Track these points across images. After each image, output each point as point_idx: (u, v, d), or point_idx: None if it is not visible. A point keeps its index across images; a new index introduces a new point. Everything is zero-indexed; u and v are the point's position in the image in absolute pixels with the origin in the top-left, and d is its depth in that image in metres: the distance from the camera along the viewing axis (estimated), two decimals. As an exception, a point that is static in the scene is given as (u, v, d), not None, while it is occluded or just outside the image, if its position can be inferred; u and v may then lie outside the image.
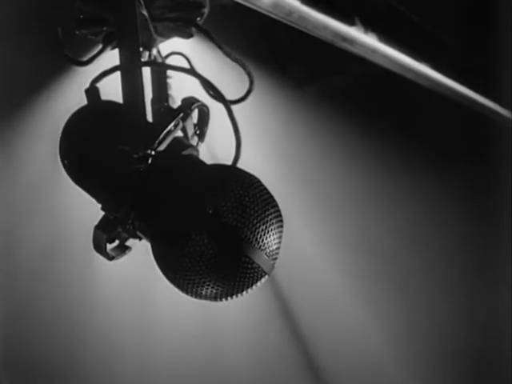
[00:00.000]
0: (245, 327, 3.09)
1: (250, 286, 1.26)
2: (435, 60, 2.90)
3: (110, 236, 1.37)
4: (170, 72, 1.60)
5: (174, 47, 1.71)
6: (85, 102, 1.50)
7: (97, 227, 1.36)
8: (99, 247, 1.37)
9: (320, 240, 3.17)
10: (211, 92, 1.54)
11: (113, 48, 1.62)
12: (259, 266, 1.25)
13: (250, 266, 1.24)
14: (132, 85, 1.42)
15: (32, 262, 2.79)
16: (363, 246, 3.22)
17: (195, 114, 1.50)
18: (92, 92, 1.50)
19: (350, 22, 2.50)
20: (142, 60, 1.58)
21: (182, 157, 1.42)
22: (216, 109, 1.51)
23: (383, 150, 3.12)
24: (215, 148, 1.95)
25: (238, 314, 2.91)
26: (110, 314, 2.92)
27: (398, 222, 3.25)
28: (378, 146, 3.10)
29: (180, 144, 1.44)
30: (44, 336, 2.81)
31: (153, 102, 1.57)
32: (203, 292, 1.26)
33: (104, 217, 1.36)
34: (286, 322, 3.21)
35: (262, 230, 1.24)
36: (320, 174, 3.10)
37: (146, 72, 1.56)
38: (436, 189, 3.23)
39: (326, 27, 2.36)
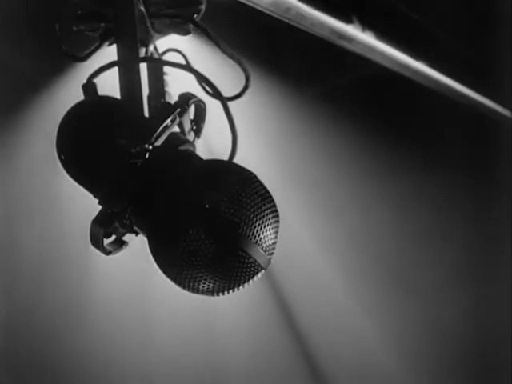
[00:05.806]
0: (242, 324, 3.09)
1: (247, 280, 1.26)
2: (433, 58, 2.90)
3: (107, 231, 1.37)
4: (166, 68, 1.60)
5: (171, 44, 1.72)
6: (82, 97, 1.50)
7: (94, 222, 1.35)
8: (96, 242, 1.37)
9: (318, 238, 3.17)
10: (208, 88, 1.54)
11: (110, 44, 1.62)
12: (256, 261, 1.25)
13: (246, 260, 1.24)
14: (129, 80, 1.42)
15: (32, 261, 2.79)
16: (362, 245, 3.22)
17: (192, 109, 1.50)
18: (89, 87, 1.50)
19: (348, 20, 2.51)
20: (140, 56, 1.58)
21: (178, 152, 1.42)
22: (213, 105, 1.51)
23: (382, 150, 3.12)
24: (212, 144, 1.95)
25: (235, 311, 2.91)
26: (109, 312, 2.92)
27: (397, 221, 3.25)
28: (376, 145, 3.11)
29: (177, 139, 1.44)
30: (43, 336, 2.81)
31: (150, 97, 1.57)
32: (200, 287, 1.26)
33: (101, 211, 1.36)
34: (283, 319, 3.21)
35: (259, 224, 1.25)
36: (318, 172, 3.11)
37: (143, 68, 1.56)
38: (436, 188, 3.24)
39: (323, 25, 2.36)
